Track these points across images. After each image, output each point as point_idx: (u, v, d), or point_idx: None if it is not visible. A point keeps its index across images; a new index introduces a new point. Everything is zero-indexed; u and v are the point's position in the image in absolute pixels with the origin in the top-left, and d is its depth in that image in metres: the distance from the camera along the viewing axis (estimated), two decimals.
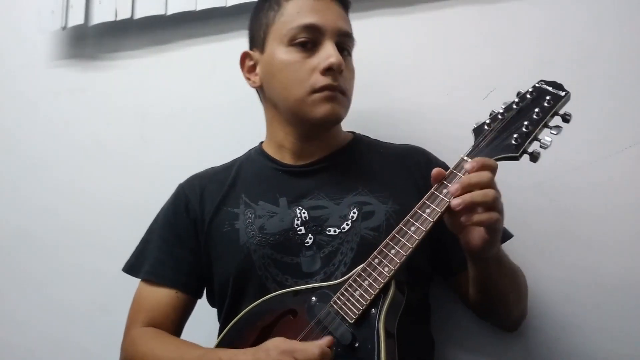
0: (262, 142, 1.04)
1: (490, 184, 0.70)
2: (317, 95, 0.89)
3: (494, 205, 0.70)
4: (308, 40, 0.89)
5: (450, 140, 1.08)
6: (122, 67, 1.42)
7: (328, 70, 0.88)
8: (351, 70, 0.95)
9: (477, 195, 0.70)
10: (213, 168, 1.04)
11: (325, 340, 0.73)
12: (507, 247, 0.91)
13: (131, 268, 0.99)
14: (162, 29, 1.37)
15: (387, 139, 1.05)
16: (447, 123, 1.12)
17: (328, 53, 0.88)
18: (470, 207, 0.70)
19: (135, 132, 1.38)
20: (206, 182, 0.99)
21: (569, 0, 1.09)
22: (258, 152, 1.02)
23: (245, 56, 0.99)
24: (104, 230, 1.36)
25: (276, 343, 0.73)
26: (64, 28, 1.40)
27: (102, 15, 1.37)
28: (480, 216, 0.70)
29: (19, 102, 1.50)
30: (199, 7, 1.29)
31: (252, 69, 0.98)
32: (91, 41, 1.45)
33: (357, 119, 1.03)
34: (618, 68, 1.04)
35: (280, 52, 0.91)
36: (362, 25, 1.03)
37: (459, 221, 0.73)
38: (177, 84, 1.36)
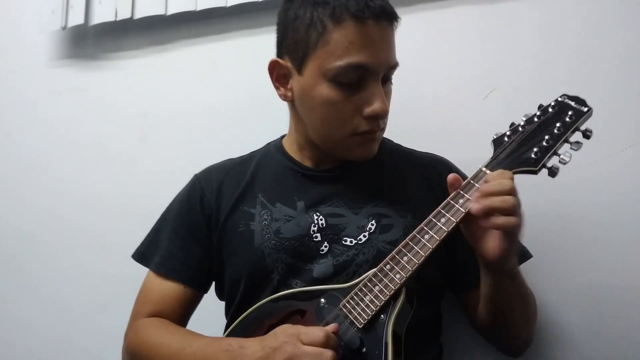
0: (282, 137, 1.01)
1: (511, 192, 0.70)
2: (358, 138, 0.85)
3: (513, 212, 0.70)
4: (355, 81, 0.81)
5: (450, 140, 1.09)
6: (122, 67, 1.42)
7: (372, 118, 0.83)
8: (390, 95, 0.89)
9: (496, 200, 0.70)
10: (230, 160, 1.02)
11: (331, 326, 0.73)
12: None
13: (141, 257, 0.98)
14: (162, 29, 1.37)
15: (387, 139, 1.05)
16: (447, 123, 1.13)
17: (374, 97, 0.82)
18: (489, 213, 0.71)
19: (135, 132, 1.38)
20: (223, 177, 0.97)
21: (569, 0, 1.09)
22: (278, 149, 0.99)
23: (274, 65, 0.88)
24: (104, 231, 1.36)
25: (282, 328, 0.74)
26: (64, 28, 1.40)
27: (102, 15, 1.37)
28: (498, 219, 0.70)
29: (19, 102, 1.50)
30: (199, 7, 1.29)
31: (282, 78, 0.89)
32: (91, 41, 1.45)
33: None
34: (618, 68, 1.04)
35: (321, 87, 0.82)
36: None
37: (474, 229, 0.74)
38: (177, 84, 1.36)
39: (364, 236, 0.87)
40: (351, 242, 0.87)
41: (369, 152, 0.88)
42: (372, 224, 0.88)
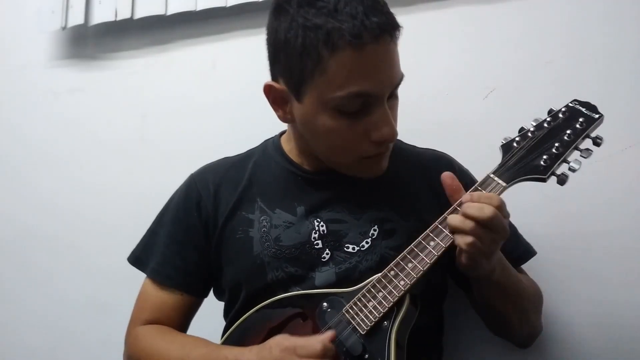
0: (281, 134, 0.97)
1: (488, 221, 0.69)
2: (367, 161, 0.82)
3: (470, 233, 0.70)
4: (359, 109, 0.76)
5: (450, 140, 1.09)
6: (122, 67, 1.42)
7: (381, 142, 0.79)
8: (396, 109, 0.83)
9: (456, 220, 0.71)
10: (226, 159, 0.99)
11: (328, 335, 0.71)
12: None
13: (137, 261, 0.96)
14: (162, 29, 1.37)
15: None
16: (447, 123, 1.13)
17: (381, 122, 0.77)
18: (454, 231, 0.72)
19: (135, 132, 1.38)
20: (220, 179, 0.94)
21: (569, 0, 1.09)
22: (276, 149, 0.95)
23: (269, 89, 0.83)
24: (104, 230, 1.36)
25: (278, 340, 0.72)
26: (64, 28, 1.40)
27: (102, 15, 1.37)
28: (455, 236, 0.72)
29: (19, 102, 1.50)
30: (199, 7, 1.29)
31: (280, 100, 0.83)
32: (91, 41, 1.45)
33: None
34: (618, 68, 1.04)
35: (323, 117, 0.77)
36: None
37: None
38: (177, 84, 1.36)
39: (367, 242, 0.84)
40: (353, 248, 0.84)
41: (379, 170, 0.84)
42: (375, 230, 0.85)
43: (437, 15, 1.17)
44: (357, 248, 0.84)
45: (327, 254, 0.85)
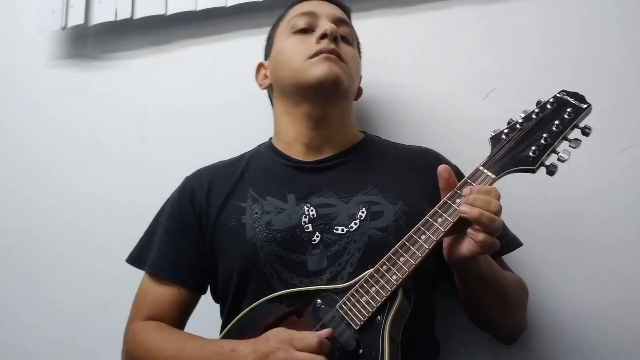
0: (271, 138, 1.04)
1: (498, 213, 0.71)
2: (314, 59, 0.92)
3: (495, 232, 0.71)
4: (307, 26, 0.97)
5: (450, 140, 1.09)
6: (122, 67, 1.42)
7: (322, 38, 0.93)
8: (353, 55, 0.99)
9: (485, 217, 0.70)
10: (221, 162, 1.04)
11: (324, 331, 0.73)
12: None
13: (135, 259, 0.98)
14: (162, 29, 1.37)
15: (387, 138, 1.05)
16: (447, 123, 1.13)
17: (322, 25, 0.95)
18: (475, 222, 0.70)
19: (135, 132, 1.38)
20: (214, 176, 0.99)
21: (569, 0, 1.09)
22: (267, 147, 1.02)
23: (259, 67, 1.07)
24: (104, 230, 1.35)
25: (275, 332, 0.74)
26: (64, 28, 1.40)
27: (102, 15, 1.37)
28: (479, 235, 0.70)
29: (19, 102, 1.50)
30: (199, 7, 1.29)
31: (262, 76, 1.05)
32: (91, 41, 1.45)
33: (357, 119, 1.03)
34: (618, 68, 1.04)
35: (282, 41, 0.98)
36: (362, 26, 1.03)
37: (454, 226, 0.73)
38: (177, 84, 1.36)
39: (355, 224, 0.87)
40: (342, 230, 0.87)
41: (328, 70, 0.91)
42: (363, 212, 0.88)
43: (437, 15, 1.17)
44: (345, 229, 0.87)
45: (317, 236, 0.87)
